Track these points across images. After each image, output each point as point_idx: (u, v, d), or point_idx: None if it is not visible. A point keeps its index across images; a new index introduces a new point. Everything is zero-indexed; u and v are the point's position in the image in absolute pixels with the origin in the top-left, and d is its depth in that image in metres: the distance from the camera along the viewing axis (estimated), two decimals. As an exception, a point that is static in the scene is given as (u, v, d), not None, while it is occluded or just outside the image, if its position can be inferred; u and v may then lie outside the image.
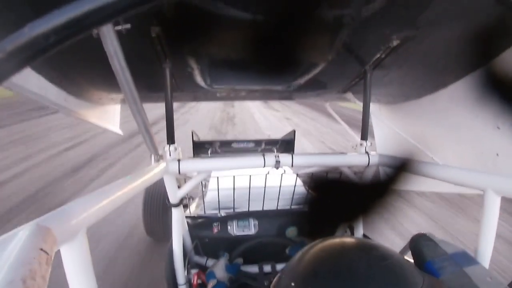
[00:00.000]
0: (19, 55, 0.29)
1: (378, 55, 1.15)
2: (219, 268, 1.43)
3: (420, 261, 0.79)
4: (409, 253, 0.87)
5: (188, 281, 1.44)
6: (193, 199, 2.14)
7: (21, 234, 0.42)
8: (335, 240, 0.71)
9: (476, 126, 1.19)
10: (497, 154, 1.13)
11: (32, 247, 0.39)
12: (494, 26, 0.86)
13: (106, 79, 1.03)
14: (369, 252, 0.61)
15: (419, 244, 0.84)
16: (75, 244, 0.56)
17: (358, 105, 1.51)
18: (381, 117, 1.87)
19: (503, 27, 0.87)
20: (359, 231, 1.50)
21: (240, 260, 1.51)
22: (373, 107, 1.54)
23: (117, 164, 5.40)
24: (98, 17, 0.31)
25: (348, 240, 0.72)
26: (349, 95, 1.68)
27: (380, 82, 1.40)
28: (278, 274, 0.68)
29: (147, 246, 2.95)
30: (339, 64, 1.25)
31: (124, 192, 0.79)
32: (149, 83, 1.24)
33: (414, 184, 1.30)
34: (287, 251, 1.56)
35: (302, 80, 1.43)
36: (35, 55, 0.30)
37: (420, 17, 0.89)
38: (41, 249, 0.39)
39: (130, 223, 3.22)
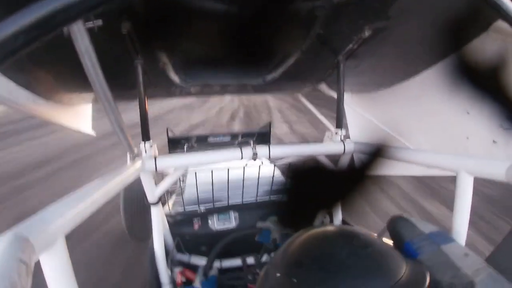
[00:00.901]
0: None
1: (350, 46, 1.17)
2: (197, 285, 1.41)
3: (399, 242, 0.81)
4: (387, 234, 0.90)
5: (172, 281, 1.43)
6: (171, 195, 2.11)
7: None
8: (319, 230, 0.72)
9: (446, 111, 1.22)
10: (467, 138, 1.17)
11: (10, 258, 0.38)
12: (464, 13, 0.88)
13: (77, 79, 1.00)
14: (351, 240, 0.63)
15: (397, 225, 0.86)
16: (54, 252, 0.54)
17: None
18: (353, 105, 1.91)
19: (474, 14, 0.89)
20: (338, 218, 1.54)
21: (215, 272, 1.51)
22: (346, 96, 1.57)
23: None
24: (69, 14, 0.30)
25: (331, 229, 0.74)
26: (323, 86, 1.70)
27: (352, 71, 1.42)
28: (265, 266, 0.69)
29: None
30: (313, 55, 1.27)
31: (101, 193, 0.77)
32: (121, 80, 1.21)
33: (389, 169, 1.34)
34: (256, 238, 1.57)
35: (276, 73, 1.44)
36: (4, 57, 0.29)
37: (392, 7, 0.91)
38: (20, 260, 0.38)
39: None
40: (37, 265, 0.49)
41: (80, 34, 0.69)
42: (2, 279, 0.33)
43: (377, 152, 1.17)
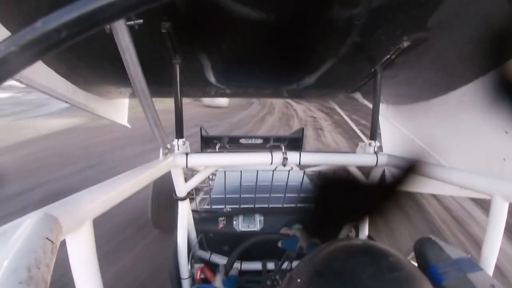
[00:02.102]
0: (31, 49, 0.30)
1: (388, 56, 1.14)
2: (219, 284, 1.40)
3: (424, 265, 0.79)
4: (413, 255, 0.87)
5: (191, 275, 1.45)
6: (199, 193, 2.15)
7: (28, 222, 0.42)
8: (348, 243, 0.71)
9: (484, 130, 1.17)
10: (504, 159, 1.12)
11: (37, 235, 0.40)
12: (506, 28, 0.84)
13: (116, 73, 1.04)
14: (379, 260, 0.61)
15: (424, 247, 0.83)
16: (80, 234, 0.56)
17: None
18: (388, 117, 1.86)
19: None
20: (364, 232, 1.50)
21: (235, 272, 1.51)
22: (381, 108, 1.53)
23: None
24: (111, 12, 0.31)
25: (360, 244, 0.72)
26: (358, 95, 1.67)
27: (389, 82, 1.38)
28: (290, 273, 0.69)
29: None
30: (349, 63, 1.24)
31: (132, 184, 0.80)
32: (158, 78, 1.25)
33: (420, 186, 1.29)
34: (279, 244, 1.55)
35: (311, 80, 1.43)
36: (47, 49, 0.30)
37: (431, 18, 0.88)
38: (47, 238, 0.40)
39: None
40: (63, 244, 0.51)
41: (121, 32, 0.72)
42: (28, 255, 0.34)
43: (409, 168, 1.13)
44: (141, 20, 0.75)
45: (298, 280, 0.62)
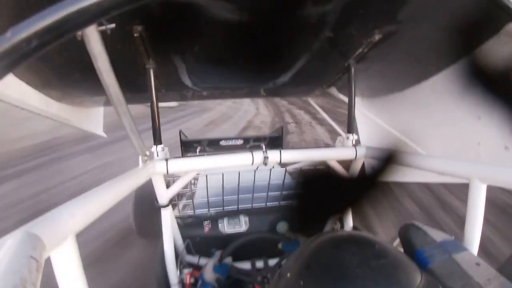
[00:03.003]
0: (1, 62, 0.29)
1: (360, 50, 1.17)
2: (209, 269, 1.41)
3: (410, 249, 0.81)
4: (398, 241, 0.89)
5: (181, 281, 1.43)
6: (182, 198, 2.13)
7: (10, 242, 0.41)
8: (333, 235, 0.73)
9: (458, 116, 1.21)
10: (479, 143, 1.15)
11: (21, 255, 0.39)
12: (475, 16, 0.87)
13: (89, 81, 1.01)
14: (365, 249, 0.62)
15: (409, 233, 0.85)
16: (64, 250, 0.55)
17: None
18: (364, 110, 1.90)
19: (485, 17, 0.88)
20: (349, 224, 1.52)
21: (229, 260, 1.51)
22: (356, 101, 1.56)
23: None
24: (83, 18, 0.30)
25: (345, 235, 0.73)
26: (333, 90, 1.69)
27: (363, 75, 1.41)
28: (280, 268, 0.70)
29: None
30: (323, 59, 1.26)
31: (113, 194, 0.79)
32: (133, 84, 1.23)
33: (399, 175, 1.32)
34: (280, 246, 1.56)
35: (286, 77, 1.44)
36: (18, 60, 0.30)
37: (401, 11, 0.90)
38: (31, 257, 0.39)
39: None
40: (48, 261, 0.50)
41: (92, 38, 0.70)
42: (13, 275, 0.34)
43: (388, 158, 1.16)
44: (114, 25, 0.73)
45: (288, 275, 0.63)
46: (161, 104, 1.22)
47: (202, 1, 0.78)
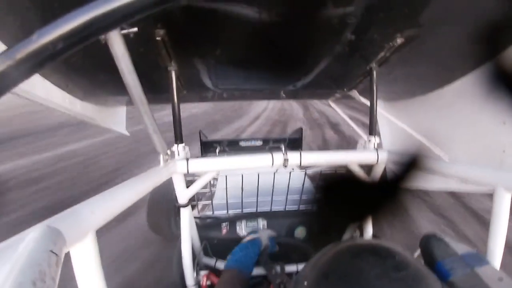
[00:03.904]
0: (28, 63, 0.29)
1: (382, 53, 1.15)
2: (265, 235, 1.41)
3: (431, 261, 0.78)
4: (419, 252, 0.87)
5: (197, 283, 1.43)
6: (201, 198, 2.14)
7: (31, 236, 0.42)
8: (353, 244, 0.71)
9: (482, 121, 1.17)
10: (504, 151, 1.11)
11: (41, 249, 0.39)
12: (499, 20, 0.84)
13: (113, 82, 1.04)
14: (385, 260, 0.60)
15: (430, 244, 0.83)
16: (84, 245, 0.56)
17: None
18: (386, 114, 1.86)
19: (508, 20, 0.85)
20: (369, 232, 1.49)
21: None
22: (378, 104, 1.53)
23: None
24: (106, 23, 0.30)
25: (365, 244, 0.71)
26: (355, 93, 1.67)
27: (385, 79, 1.39)
28: (296, 275, 0.69)
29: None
30: (344, 62, 1.25)
31: (133, 192, 0.80)
32: (155, 85, 1.25)
33: (422, 182, 1.29)
34: None
35: (307, 80, 1.43)
36: (43, 62, 0.30)
37: (422, 15, 0.88)
38: (51, 251, 0.40)
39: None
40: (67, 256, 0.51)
41: (116, 41, 0.72)
42: (32, 268, 0.34)
43: (411, 163, 1.13)
44: (136, 29, 0.74)
45: (305, 283, 0.61)
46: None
47: (223, 5, 0.78)
